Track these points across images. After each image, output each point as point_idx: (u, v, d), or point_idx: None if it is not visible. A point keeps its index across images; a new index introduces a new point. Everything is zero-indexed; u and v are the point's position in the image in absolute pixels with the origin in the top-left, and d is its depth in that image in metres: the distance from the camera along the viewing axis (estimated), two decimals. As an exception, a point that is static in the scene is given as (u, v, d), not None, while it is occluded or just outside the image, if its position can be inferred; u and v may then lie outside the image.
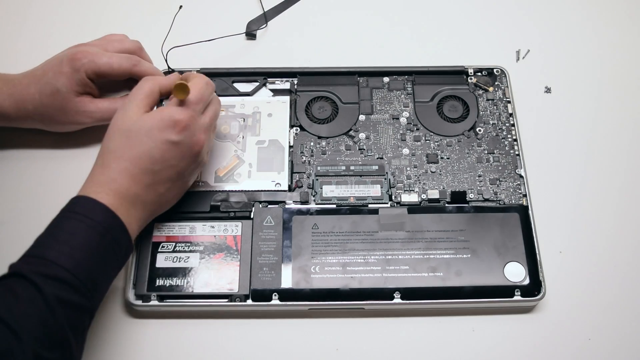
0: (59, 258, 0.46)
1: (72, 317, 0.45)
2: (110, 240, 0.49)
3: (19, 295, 0.44)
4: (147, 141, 0.52)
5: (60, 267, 0.45)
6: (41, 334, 0.43)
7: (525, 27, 0.74)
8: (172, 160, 0.53)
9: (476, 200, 0.61)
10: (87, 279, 0.47)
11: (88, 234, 0.48)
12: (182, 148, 0.53)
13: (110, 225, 0.49)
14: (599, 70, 0.71)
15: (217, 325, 0.57)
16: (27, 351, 0.42)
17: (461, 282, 0.57)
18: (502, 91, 0.67)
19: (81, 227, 0.48)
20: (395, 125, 0.65)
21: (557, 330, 0.57)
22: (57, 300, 0.44)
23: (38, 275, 0.44)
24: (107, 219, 0.49)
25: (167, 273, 0.57)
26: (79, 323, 0.46)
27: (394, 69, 0.68)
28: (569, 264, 0.60)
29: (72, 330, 0.45)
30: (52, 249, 0.46)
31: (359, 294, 0.56)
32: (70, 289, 0.45)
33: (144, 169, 0.52)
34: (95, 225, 0.48)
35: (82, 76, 0.59)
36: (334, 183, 0.62)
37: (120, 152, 0.52)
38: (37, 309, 0.44)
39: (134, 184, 0.51)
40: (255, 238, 0.58)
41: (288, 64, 0.69)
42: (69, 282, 0.45)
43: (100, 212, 0.49)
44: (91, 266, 0.47)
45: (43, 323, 0.43)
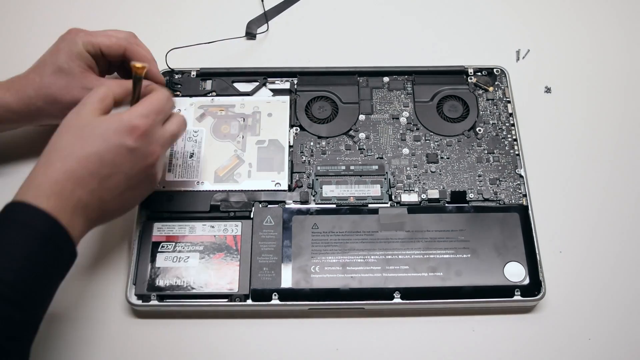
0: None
1: (9, 334, 0.43)
2: (52, 249, 0.46)
3: None
4: (100, 142, 0.49)
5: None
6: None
7: (525, 27, 0.74)
8: (122, 166, 0.50)
9: (476, 200, 0.61)
10: (29, 291, 0.44)
11: (29, 244, 0.44)
12: (136, 156, 0.50)
13: (52, 234, 0.46)
14: (599, 70, 0.71)
15: (217, 325, 0.57)
16: None
17: (461, 282, 0.57)
18: (502, 91, 0.67)
19: (20, 237, 0.45)
20: (395, 125, 0.65)
21: (557, 330, 0.57)
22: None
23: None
24: (49, 227, 0.46)
25: (167, 273, 0.57)
26: (18, 340, 0.44)
27: (394, 69, 0.68)
28: (569, 264, 0.60)
29: (9, 347, 0.43)
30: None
31: (359, 294, 0.56)
32: (8, 304, 0.43)
33: (91, 171, 0.48)
34: (36, 234, 0.45)
35: (80, 49, 0.57)
36: (334, 183, 0.62)
37: (68, 150, 0.48)
38: None
39: (79, 188, 0.48)
40: (255, 238, 0.58)
41: (288, 64, 0.69)
42: (7, 297, 0.43)
43: (41, 219, 0.45)
44: (32, 278, 0.44)
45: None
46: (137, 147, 0.50)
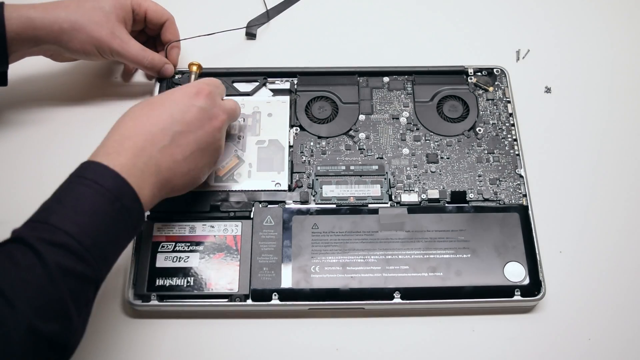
0: (64, 224, 0.43)
1: (74, 287, 0.42)
2: (120, 207, 0.46)
3: (18, 261, 0.41)
4: (170, 103, 0.52)
5: (64, 232, 0.43)
6: (39, 304, 0.40)
7: (525, 27, 0.74)
8: (192, 125, 0.52)
9: (476, 200, 0.61)
10: (94, 247, 0.44)
11: (96, 200, 0.45)
12: (203, 115, 0.53)
13: (121, 192, 0.46)
14: (599, 70, 0.71)
15: (217, 325, 0.57)
16: (21, 321, 0.39)
17: (461, 282, 0.57)
18: (502, 91, 0.67)
19: (89, 193, 0.45)
20: (395, 125, 0.65)
21: (557, 330, 0.57)
22: (59, 268, 0.42)
23: (40, 241, 0.42)
24: (117, 186, 0.46)
25: (167, 273, 0.57)
26: (81, 294, 0.43)
27: (394, 69, 0.68)
28: (569, 264, 0.60)
29: (73, 302, 0.42)
30: (57, 213, 0.44)
31: (359, 294, 0.56)
32: (74, 257, 0.43)
33: (163, 127, 0.51)
34: (104, 191, 0.45)
35: (128, 3, 0.62)
36: (334, 183, 0.62)
37: (139, 112, 0.52)
38: (37, 277, 0.41)
39: (150, 144, 0.49)
40: (255, 238, 0.58)
41: (288, 64, 0.69)
42: (74, 249, 0.43)
43: (110, 178, 0.46)
44: (99, 234, 0.44)
45: (42, 292, 0.41)
46: (204, 107, 0.53)
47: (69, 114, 0.67)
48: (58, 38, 0.59)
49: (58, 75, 0.69)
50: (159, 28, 0.66)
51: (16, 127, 0.66)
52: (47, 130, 0.66)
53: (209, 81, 0.57)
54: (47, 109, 0.67)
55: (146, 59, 0.63)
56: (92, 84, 0.69)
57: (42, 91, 0.68)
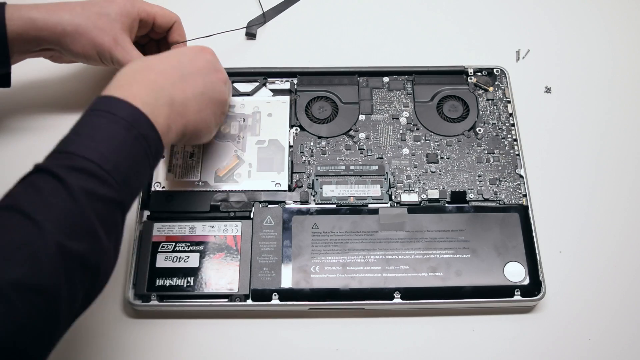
0: (83, 151, 0.44)
1: (100, 209, 0.43)
2: (137, 134, 0.46)
3: (42, 188, 0.42)
4: (178, 53, 0.54)
5: (84, 158, 0.43)
6: (66, 224, 0.41)
7: (525, 27, 0.74)
8: (199, 69, 0.54)
9: (476, 200, 0.61)
10: (115, 171, 0.44)
11: (111, 129, 0.45)
12: (210, 66, 0.55)
13: (135, 120, 0.47)
14: (599, 70, 0.71)
15: (217, 325, 0.57)
16: (49, 241, 0.40)
17: (461, 282, 0.57)
18: (502, 91, 0.67)
19: (104, 122, 0.46)
20: (395, 125, 0.65)
21: (557, 330, 0.57)
22: (83, 191, 0.42)
23: (62, 167, 0.42)
24: (131, 114, 0.47)
25: (167, 273, 0.57)
26: (108, 215, 0.44)
27: (394, 69, 0.68)
28: (569, 264, 0.60)
29: (101, 223, 0.43)
30: (75, 143, 0.45)
31: (359, 294, 0.56)
32: (96, 180, 0.43)
33: (173, 65, 0.52)
34: (118, 120, 0.46)
35: (134, 11, 0.61)
36: (334, 183, 0.62)
37: (148, 58, 0.53)
38: (61, 200, 0.41)
39: (161, 78, 0.50)
40: (255, 238, 0.58)
41: (288, 64, 0.69)
42: (95, 173, 0.43)
43: (123, 107, 0.47)
44: (118, 159, 0.45)
45: (68, 214, 0.41)
46: (210, 59, 0.56)
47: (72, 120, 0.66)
48: (60, 40, 0.59)
49: (61, 81, 0.69)
50: (166, 31, 0.66)
51: (19, 133, 0.65)
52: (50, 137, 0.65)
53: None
54: (50, 115, 0.67)
55: None
56: (95, 90, 0.68)
57: (45, 97, 0.68)
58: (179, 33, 0.66)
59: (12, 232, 0.40)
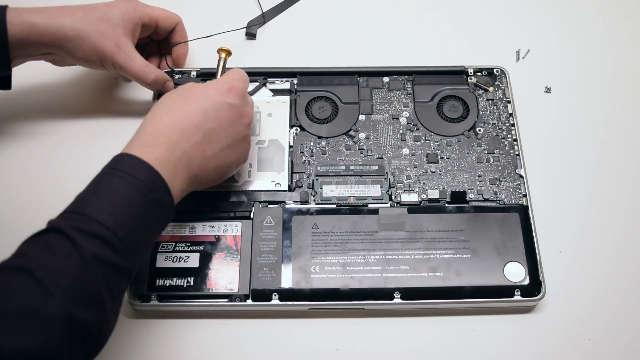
0: (99, 215, 0.44)
1: (109, 277, 0.43)
2: (153, 200, 0.47)
3: (56, 251, 0.42)
4: (203, 99, 0.52)
5: (100, 224, 0.43)
6: (75, 292, 0.41)
7: (525, 27, 0.74)
8: (223, 121, 0.53)
9: (476, 200, 0.61)
10: (127, 239, 0.44)
11: (130, 192, 0.46)
12: (235, 112, 0.54)
13: (153, 184, 0.47)
14: (599, 70, 0.71)
15: (217, 325, 0.57)
16: (58, 310, 0.40)
17: (461, 282, 0.57)
18: (502, 91, 0.67)
19: (123, 185, 0.46)
20: (395, 125, 0.65)
21: (557, 330, 0.57)
22: (95, 258, 0.42)
23: (77, 231, 0.42)
24: (150, 178, 0.47)
25: (167, 273, 0.57)
26: (116, 284, 0.44)
27: (394, 69, 0.68)
28: (569, 264, 0.60)
29: (108, 291, 0.43)
30: (92, 205, 0.44)
31: (359, 294, 0.56)
32: (109, 248, 0.43)
33: (196, 123, 0.51)
34: (137, 183, 0.46)
35: (136, 15, 0.61)
36: (334, 183, 0.62)
37: (173, 106, 0.52)
38: (73, 266, 0.41)
39: (183, 139, 0.50)
40: (255, 238, 0.58)
41: (288, 64, 0.69)
42: (109, 240, 0.43)
43: (144, 170, 0.47)
44: (132, 226, 0.45)
45: (78, 281, 0.41)
46: (235, 104, 0.54)
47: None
48: (61, 45, 0.59)
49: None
50: (169, 33, 0.66)
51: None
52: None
53: (239, 76, 0.57)
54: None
55: (149, 76, 0.61)
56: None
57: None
58: (181, 34, 0.66)
59: (22, 297, 0.40)
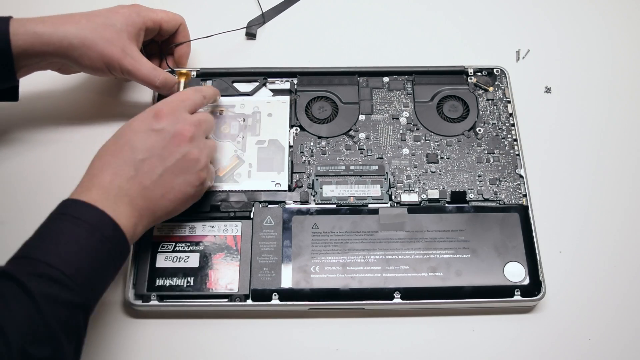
0: (45, 256, 0.45)
1: (61, 314, 0.44)
2: (101, 237, 0.47)
3: (4, 294, 0.43)
4: (130, 133, 0.53)
5: (46, 264, 0.44)
6: (28, 331, 0.42)
7: (525, 27, 0.74)
8: (154, 148, 0.52)
9: (476, 200, 0.61)
10: (77, 275, 0.45)
11: (75, 232, 0.47)
12: (164, 135, 0.53)
13: (99, 222, 0.48)
14: (599, 70, 0.71)
15: (217, 325, 0.57)
16: (13, 348, 0.41)
17: (461, 282, 0.57)
18: (502, 91, 0.67)
19: (67, 226, 0.47)
20: (395, 125, 0.65)
21: (557, 330, 0.57)
22: (44, 297, 0.43)
23: (25, 274, 0.44)
24: (94, 217, 0.48)
25: (167, 273, 0.57)
26: (70, 320, 0.45)
27: (394, 69, 0.68)
28: (569, 264, 0.60)
29: (62, 327, 0.44)
30: (39, 248, 0.46)
31: (359, 294, 0.56)
32: (58, 286, 0.44)
33: (126, 159, 0.51)
34: (81, 223, 0.47)
35: (139, 20, 0.61)
36: (334, 183, 0.62)
37: (104, 150, 0.53)
38: (23, 306, 0.42)
39: (116, 177, 0.50)
40: (255, 238, 0.58)
41: (288, 64, 0.69)
42: (57, 279, 0.44)
43: (87, 210, 0.48)
44: (80, 263, 0.46)
45: (29, 320, 0.42)
46: (162, 128, 0.53)
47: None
48: (67, 54, 0.58)
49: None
50: (172, 34, 0.66)
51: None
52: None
53: (173, 98, 0.56)
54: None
55: (157, 79, 0.61)
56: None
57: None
58: (184, 35, 0.66)
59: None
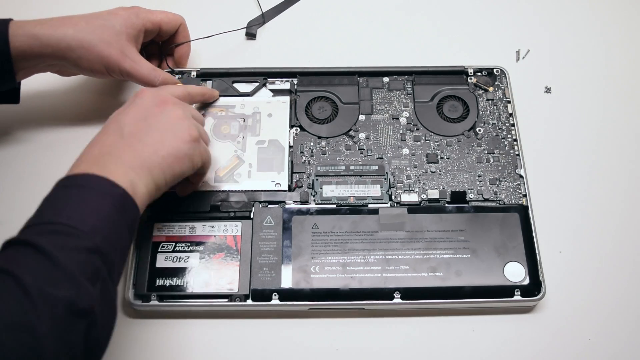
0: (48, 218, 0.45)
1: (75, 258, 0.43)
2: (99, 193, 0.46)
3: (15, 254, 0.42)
4: (115, 115, 0.53)
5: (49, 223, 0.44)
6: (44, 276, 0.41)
7: (525, 27, 0.74)
8: (138, 116, 0.52)
9: (476, 200, 0.61)
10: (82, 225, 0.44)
11: (70, 193, 0.46)
12: (147, 105, 0.53)
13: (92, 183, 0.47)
14: (599, 70, 0.71)
15: (217, 325, 0.57)
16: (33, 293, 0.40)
17: (461, 282, 0.57)
18: (502, 91, 0.67)
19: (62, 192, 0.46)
20: (395, 125, 0.65)
21: (557, 330, 0.57)
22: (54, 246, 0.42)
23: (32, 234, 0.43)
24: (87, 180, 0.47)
25: (167, 273, 0.57)
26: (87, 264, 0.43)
27: (394, 69, 0.68)
28: (569, 264, 0.60)
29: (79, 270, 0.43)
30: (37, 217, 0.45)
31: (359, 294, 0.56)
32: (64, 235, 0.44)
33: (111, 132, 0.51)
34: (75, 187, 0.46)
35: (138, 22, 0.61)
36: (334, 183, 0.62)
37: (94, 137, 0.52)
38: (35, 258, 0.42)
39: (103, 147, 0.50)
40: (255, 238, 0.58)
41: (288, 64, 0.69)
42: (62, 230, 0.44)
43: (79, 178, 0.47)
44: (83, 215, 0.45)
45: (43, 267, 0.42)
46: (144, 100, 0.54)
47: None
48: (65, 56, 0.58)
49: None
50: (172, 34, 0.66)
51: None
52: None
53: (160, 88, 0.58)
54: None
55: (157, 79, 0.61)
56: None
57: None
58: (184, 35, 0.66)
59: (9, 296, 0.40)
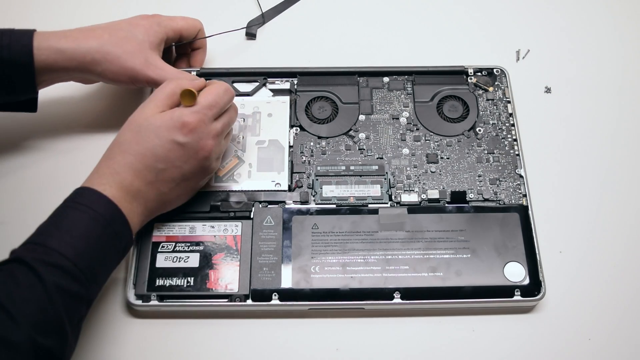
0: (60, 246, 0.46)
1: (69, 306, 0.46)
2: (112, 232, 0.49)
3: (20, 281, 0.44)
4: (154, 138, 0.53)
5: (61, 255, 0.46)
6: (39, 320, 0.43)
7: (525, 27, 0.74)
8: (176, 161, 0.53)
9: (476, 200, 0.61)
10: (87, 269, 0.47)
11: (91, 225, 0.48)
12: (188, 150, 0.54)
13: (113, 217, 0.50)
14: (599, 70, 0.71)
15: (217, 325, 0.57)
16: (24, 336, 0.42)
17: (461, 282, 0.57)
18: (502, 91, 0.67)
19: (84, 218, 0.48)
20: (395, 125, 0.65)
21: (557, 330, 0.57)
22: (57, 288, 0.45)
23: (39, 262, 0.45)
24: (110, 212, 0.50)
25: (167, 273, 0.57)
26: (75, 312, 0.47)
27: (394, 69, 0.68)
28: (569, 264, 0.60)
29: (68, 319, 0.45)
30: (54, 237, 0.47)
31: (359, 294, 0.56)
32: (69, 278, 0.46)
33: (147, 165, 0.52)
34: (98, 217, 0.49)
35: (160, 30, 0.61)
36: (334, 183, 0.62)
37: (127, 146, 0.53)
38: (37, 295, 0.44)
39: (137, 179, 0.52)
40: (255, 238, 0.58)
41: (288, 64, 0.69)
42: (69, 271, 0.46)
43: (104, 204, 0.49)
44: (92, 257, 0.48)
45: (41, 310, 0.44)
46: (187, 142, 0.53)
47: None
48: (90, 69, 0.59)
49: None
50: (192, 37, 0.66)
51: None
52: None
53: (199, 107, 0.54)
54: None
55: None
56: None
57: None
58: (201, 42, 0.67)
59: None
